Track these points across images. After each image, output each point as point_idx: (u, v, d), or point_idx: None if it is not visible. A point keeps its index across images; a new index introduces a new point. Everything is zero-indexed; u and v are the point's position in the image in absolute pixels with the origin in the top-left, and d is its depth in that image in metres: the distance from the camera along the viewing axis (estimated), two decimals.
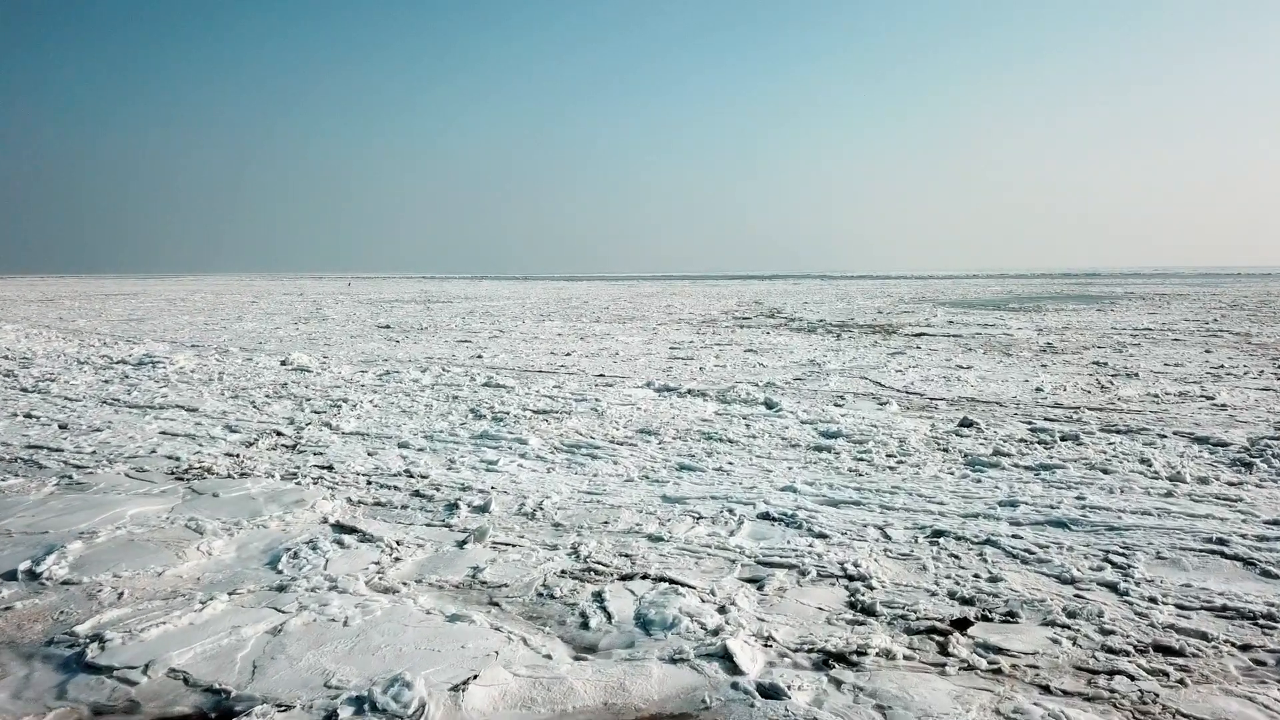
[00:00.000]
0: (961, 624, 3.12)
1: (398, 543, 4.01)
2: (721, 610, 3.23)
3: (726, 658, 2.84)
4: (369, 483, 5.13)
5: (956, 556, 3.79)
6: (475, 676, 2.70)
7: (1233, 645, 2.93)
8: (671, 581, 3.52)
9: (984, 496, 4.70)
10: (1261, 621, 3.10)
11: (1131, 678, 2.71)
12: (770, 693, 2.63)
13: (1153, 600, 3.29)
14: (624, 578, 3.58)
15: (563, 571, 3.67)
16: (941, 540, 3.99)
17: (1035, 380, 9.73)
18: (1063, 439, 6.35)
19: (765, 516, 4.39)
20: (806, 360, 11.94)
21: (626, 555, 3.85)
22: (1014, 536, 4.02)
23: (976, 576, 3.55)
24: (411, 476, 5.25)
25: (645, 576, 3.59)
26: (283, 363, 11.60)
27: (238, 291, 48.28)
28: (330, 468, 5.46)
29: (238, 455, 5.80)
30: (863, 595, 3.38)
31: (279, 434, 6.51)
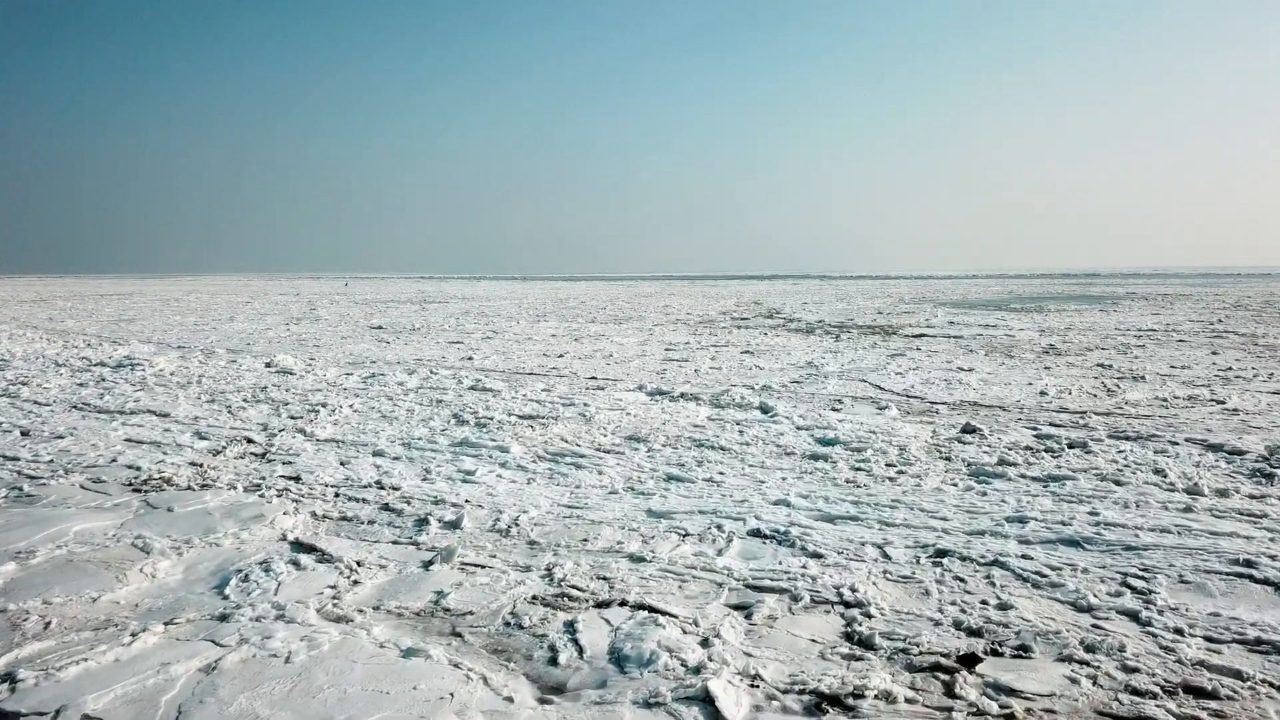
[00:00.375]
0: (969, 660, 2.82)
1: (358, 563, 3.72)
2: (704, 644, 2.93)
3: (708, 701, 2.54)
4: (337, 495, 4.83)
5: (962, 580, 3.50)
6: None
7: (1271, 685, 2.63)
8: (651, 609, 3.22)
9: (990, 511, 4.40)
10: None
11: None
12: None
13: (1179, 632, 3.00)
14: (600, 605, 3.28)
15: (534, 597, 3.37)
16: (945, 561, 3.70)
17: (1039, 383, 9.45)
18: (1070, 446, 6.06)
19: (756, 534, 4.09)
20: (804, 362, 11.65)
21: (605, 578, 3.56)
22: (1023, 557, 3.73)
23: (984, 603, 3.26)
24: (383, 488, 4.96)
25: (623, 603, 3.29)
26: (267, 365, 11.31)
27: (234, 292, 47.97)
28: (298, 478, 5.16)
29: (202, 465, 5.50)
30: (860, 625, 3.08)
31: (250, 441, 6.21)
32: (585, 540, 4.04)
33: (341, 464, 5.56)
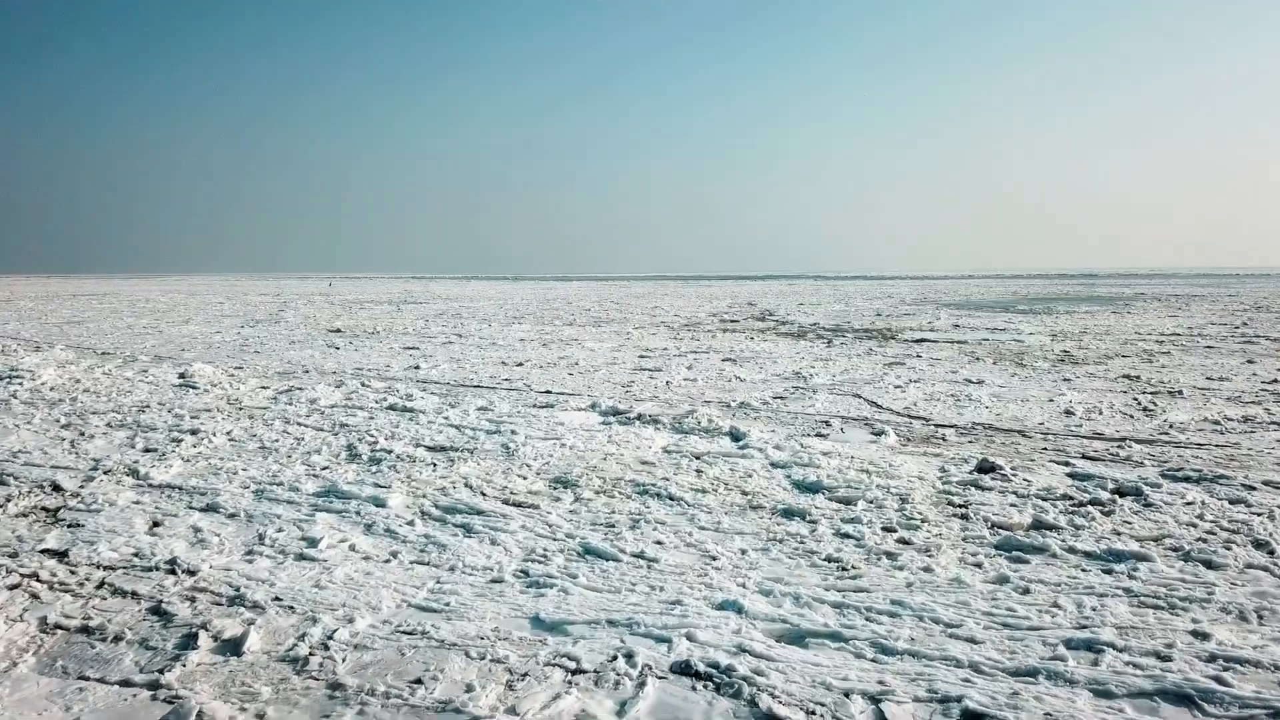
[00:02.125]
0: None
1: None
2: None
3: None
4: (101, 585, 3.38)
5: None
6: None
7: None
8: None
9: (1040, 626, 2.96)
10: None
11: None
12: None
13: None
14: None
15: None
16: None
17: (1061, 399, 8.05)
18: (1120, 494, 4.67)
19: (683, 669, 2.65)
20: (791, 372, 10.23)
21: None
22: None
23: None
24: (174, 572, 3.51)
25: None
26: (180, 375, 9.88)
27: (214, 292, 46.48)
28: (64, 555, 3.71)
29: None
30: None
31: (54, 489, 4.76)
32: (418, 682, 2.60)
33: (150, 527, 4.11)
